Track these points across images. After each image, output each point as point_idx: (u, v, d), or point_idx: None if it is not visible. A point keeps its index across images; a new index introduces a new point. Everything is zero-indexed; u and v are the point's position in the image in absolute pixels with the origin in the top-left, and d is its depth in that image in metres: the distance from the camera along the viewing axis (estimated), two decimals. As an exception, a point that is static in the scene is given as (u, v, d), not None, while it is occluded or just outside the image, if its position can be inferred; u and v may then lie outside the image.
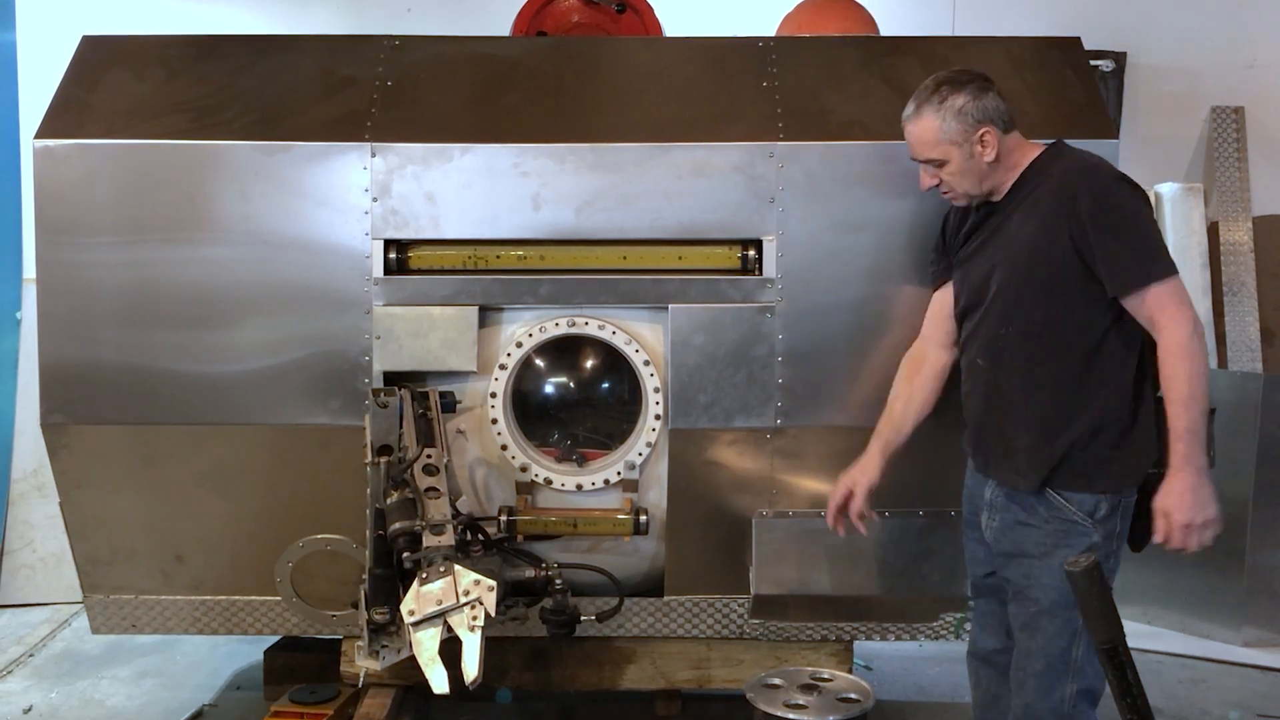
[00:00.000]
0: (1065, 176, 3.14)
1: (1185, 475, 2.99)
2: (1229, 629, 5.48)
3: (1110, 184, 3.10)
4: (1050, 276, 3.12)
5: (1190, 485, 2.98)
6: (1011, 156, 3.25)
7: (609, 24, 4.91)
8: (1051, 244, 3.10)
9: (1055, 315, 3.13)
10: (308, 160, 3.82)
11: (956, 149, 3.22)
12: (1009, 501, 3.24)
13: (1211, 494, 3.00)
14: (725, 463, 3.92)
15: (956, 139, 3.21)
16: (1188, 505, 2.98)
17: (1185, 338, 2.98)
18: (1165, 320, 3.00)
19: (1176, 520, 2.99)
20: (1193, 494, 2.98)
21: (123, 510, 3.97)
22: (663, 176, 3.81)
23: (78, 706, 4.73)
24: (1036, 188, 3.19)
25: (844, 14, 4.97)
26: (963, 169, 3.24)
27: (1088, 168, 3.15)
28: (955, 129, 3.21)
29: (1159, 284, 3.01)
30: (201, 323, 3.84)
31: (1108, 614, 2.56)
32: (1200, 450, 2.99)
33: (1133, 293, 3.03)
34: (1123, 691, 2.58)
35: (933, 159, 3.27)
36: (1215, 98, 6.15)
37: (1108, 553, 3.12)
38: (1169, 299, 3.01)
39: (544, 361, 4.07)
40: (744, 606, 4.06)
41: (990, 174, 3.25)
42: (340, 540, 3.96)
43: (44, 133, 3.83)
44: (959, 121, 3.20)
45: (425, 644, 3.20)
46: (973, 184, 3.27)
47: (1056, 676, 3.13)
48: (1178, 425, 2.98)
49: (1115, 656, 2.57)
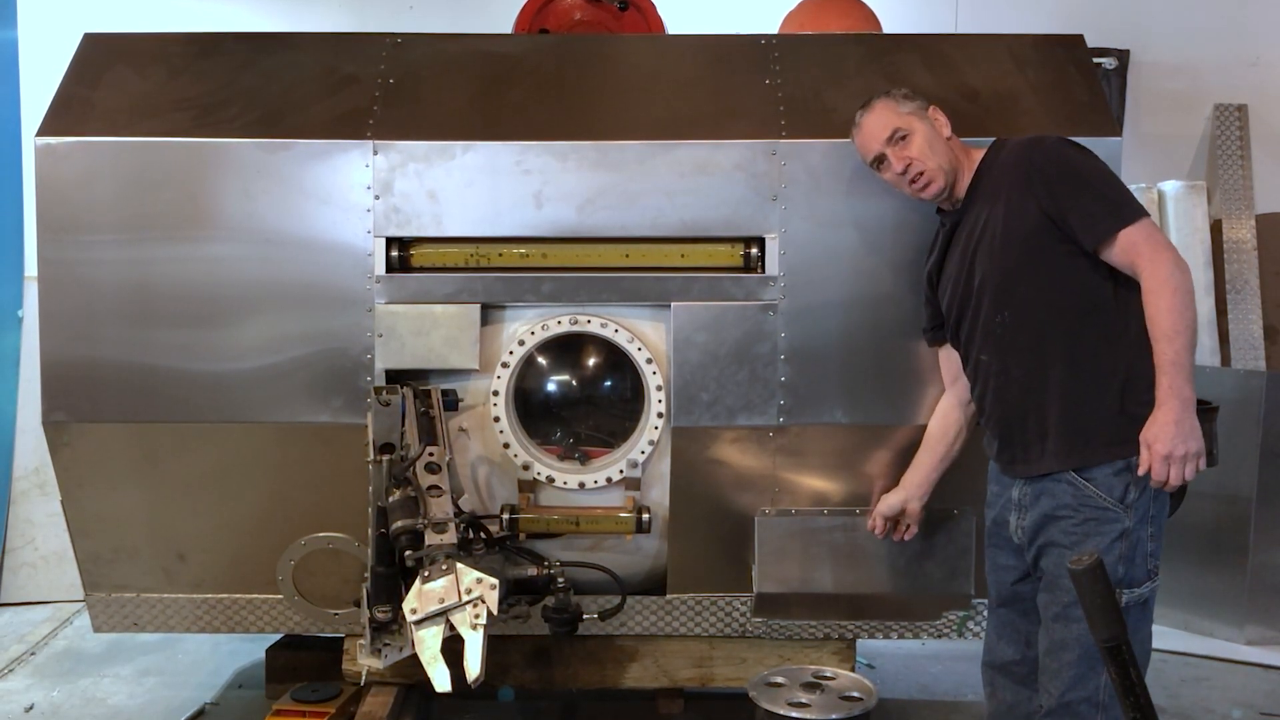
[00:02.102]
0: (1015, 155, 3.23)
1: (1169, 407, 2.97)
2: (1232, 627, 5.48)
3: (1060, 146, 3.20)
4: (1030, 251, 3.15)
5: (1174, 417, 2.96)
6: (964, 152, 3.39)
7: (611, 21, 4.90)
8: (1023, 219, 3.15)
9: (1044, 287, 3.15)
10: (310, 158, 3.82)
11: (918, 119, 3.38)
12: (1038, 497, 3.21)
13: (1195, 428, 2.98)
14: (728, 461, 3.91)
15: (914, 111, 3.39)
16: (1169, 436, 2.96)
17: (1165, 274, 2.99)
18: (1142, 261, 3.03)
19: (1158, 451, 2.97)
20: (1176, 426, 2.96)
21: (124, 508, 3.97)
22: (665, 174, 3.81)
23: (79, 705, 4.73)
24: (991, 178, 3.28)
25: (846, 11, 4.96)
26: (930, 138, 3.35)
27: (1033, 140, 3.26)
28: (910, 106, 3.41)
29: (1130, 227, 3.04)
30: (203, 321, 3.84)
31: (1110, 612, 2.55)
32: (1186, 382, 2.97)
33: (1106, 242, 3.07)
34: (1125, 690, 2.58)
35: (898, 129, 3.37)
36: (1218, 95, 6.14)
37: (1143, 536, 3.10)
38: (1142, 240, 3.04)
39: (546, 359, 4.07)
40: (746, 605, 4.06)
41: (952, 154, 3.36)
42: (342, 538, 3.96)
43: (45, 130, 3.83)
44: (910, 101, 3.42)
45: (427, 642, 3.20)
46: (942, 158, 3.35)
47: (1091, 666, 3.09)
48: (1162, 360, 2.98)
49: (1118, 655, 2.56)
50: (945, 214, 3.47)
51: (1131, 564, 3.08)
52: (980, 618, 4.06)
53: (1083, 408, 3.13)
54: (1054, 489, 3.17)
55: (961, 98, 3.89)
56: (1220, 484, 5.32)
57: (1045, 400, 3.17)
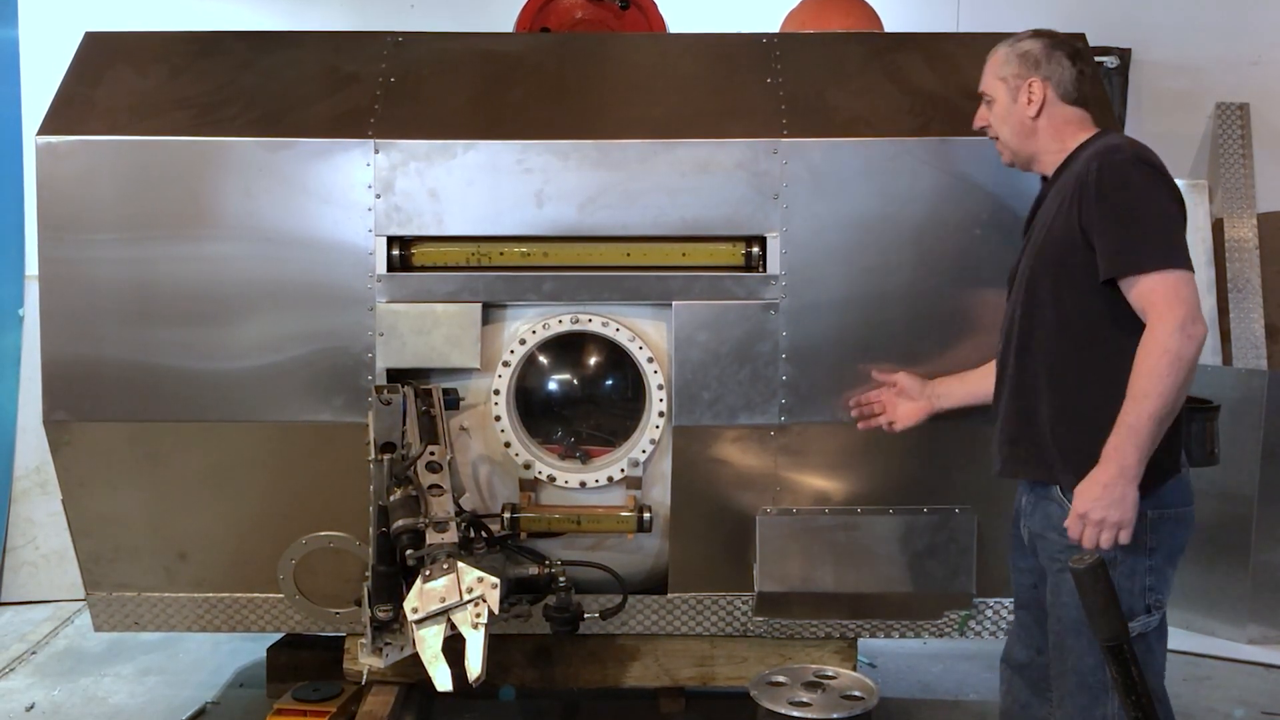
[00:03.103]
0: (1087, 158, 3.02)
1: (1104, 469, 2.82)
2: (1234, 626, 5.48)
3: (1123, 165, 2.94)
4: (1059, 260, 3.01)
5: (1104, 480, 2.82)
6: (1062, 131, 3.17)
7: (612, 20, 4.89)
8: (1065, 227, 2.99)
9: (1059, 300, 3.02)
10: (311, 157, 3.82)
11: (1004, 88, 3.22)
12: (1035, 508, 3.13)
13: (1127, 497, 2.81)
14: (729, 460, 3.91)
15: (1007, 78, 3.21)
16: (1091, 496, 2.83)
17: (1163, 334, 2.79)
18: (1150, 315, 2.83)
19: (1076, 507, 2.87)
20: (1102, 489, 2.81)
21: (125, 507, 3.96)
22: (666, 173, 3.80)
23: (80, 704, 4.73)
24: (1068, 171, 3.10)
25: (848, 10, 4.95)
26: (1004, 113, 3.22)
27: (1108, 148, 3.01)
28: (1011, 68, 3.21)
29: (1150, 275, 2.84)
30: (204, 319, 3.83)
31: (1112, 612, 2.55)
32: (1133, 448, 2.79)
33: (1121, 279, 2.88)
34: (1127, 690, 2.58)
35: (984, 93, 3.28)
36: (1220, 94, 6.14)
37: (1137, 569, 2.94)
38: (1157, 292, 2.83)
39: (547, 358, 4.07)
40: (748, 604, 4.05)
41: (1031, 134, 3.20)
42: (343, 537, 3.96)
43: (46, 129, 3.83)
44: (1018, 63, 3.21)
45: (428, 641, 3.20)
46: (1012, 134, 3.22)
47: (1093, 696, 2.99)
48: (1122, 417, 2.82)
49: (1120, 654, 2.57)
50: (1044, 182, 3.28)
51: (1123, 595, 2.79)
52: (981, 617, 4.06)
53: (1064, 431, 3.00)
54: (1047, 506, 3.07)
55: (963, 96, 3.88)
56: (1222, 483, 5.32)
57: (1036, 409, 3.07)
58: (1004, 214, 3.77)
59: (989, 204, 3.76)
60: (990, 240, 3.79)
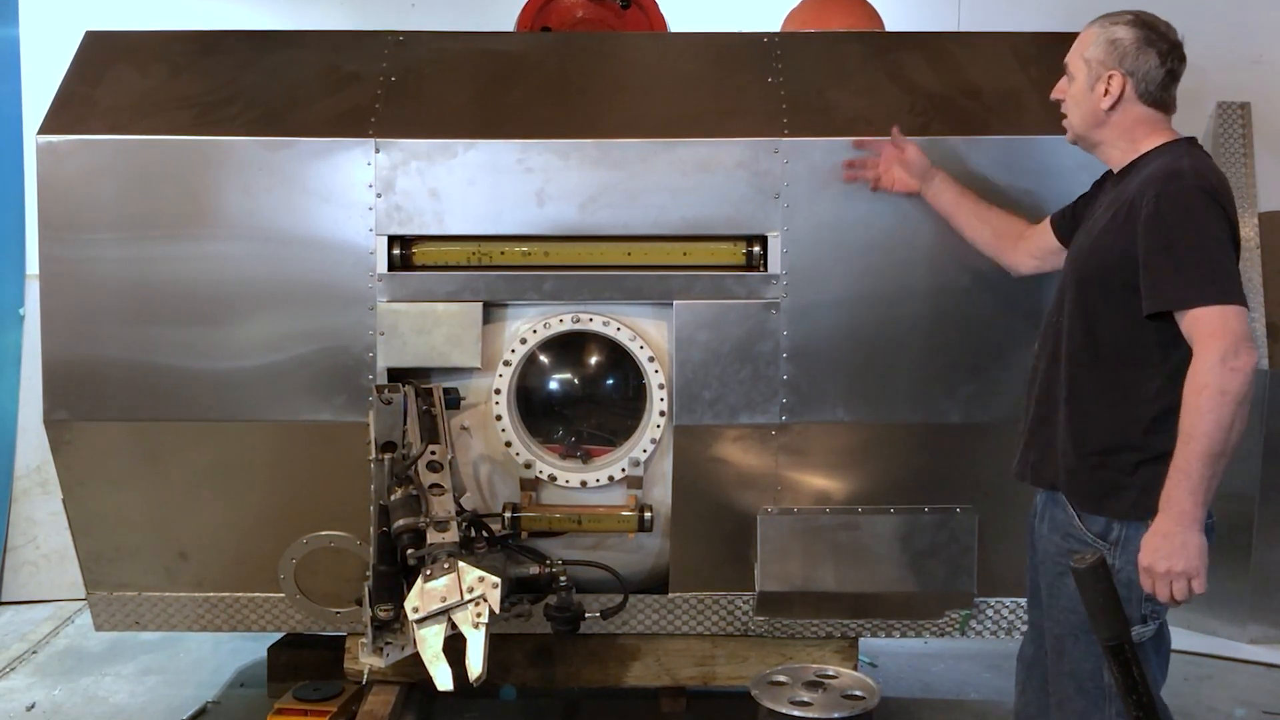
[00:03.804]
0: (1149, 177, 2.89)
1: (1163, 517, 2.75)
2: (1235, 626, 5.48)
3: (1181, 196, 2.80)
4: (1100, 276, 2.93)
5: (1163, 530, 2.74)
6: (1133, 131, 3.03)
7: (613, 19, 4.89)
8: (1111, 244, 2.90)
9: (1092, 317, 2.95)
10: (312, 156, 3.82)
11: (1085, 70, 3.06)
12: (1045, 511, 3.09)
13: (1189, 544, 2.71)
14: (730, 459, 3.91)
15: (1090, 61, 3.05)
16: (1152, 549, 2.75)
17: (1205, 369, 2.70)
18: (1196, 348, 2.74)
19: (1140, 561, 2.78)
20: (1164, 540, 2.73)
21: (126, 507, 3.96)
22: (667, 172, 3.80)
23: (80, 704, 4.73)
24: (1129, 181, 2.97)
25: (849, 9, 4.94)
26: (1079, 96, 3.07)
27: (1172, 171, 2.86)
28: (1098, 52, 3.04)
29: (1196, 309, 2.74)
30: (205, 319, 3.83)
31: (1113, 611, 2.55)
32: (1188, 494, 2.71)
33: (1168, 313, 2.79)
34: (1129, 689, 2.57)
35: (1068, 66, 3.13)
36: (1221, 93, 6.12)
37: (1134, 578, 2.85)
38: (1201, 326, 2.73)
39: (548, 358, 4.07)
40: (749, 603, 4.05)
41: (1100, 126, 3.06)
42: (344, 537, 3.96)
43: (47, 128, 3.82)
44: (1105, 49, 3.03)
45: (429, 641, 3.20)
46: (1080, 119, 3.08)
47: (1091, 702, 2.95)
48: (1174, 461, 2.74)
49: (1121, 654, 2.56)
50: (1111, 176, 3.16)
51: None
52: (982, 616, 4.06)
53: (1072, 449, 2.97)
54: (1054, 511, 3.04)
55: (964, 96, 3.89)
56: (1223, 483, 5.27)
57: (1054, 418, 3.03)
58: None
59: (990, 202, 3.76)
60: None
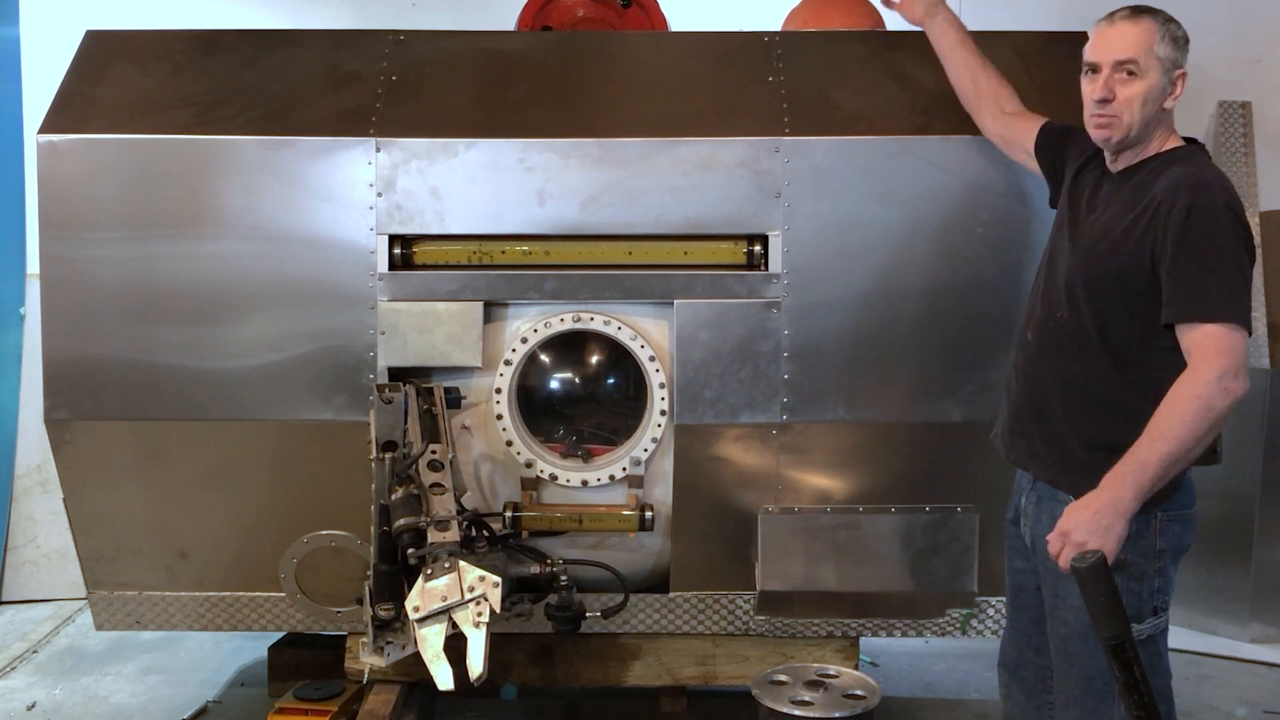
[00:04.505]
0: (1177, 184, 2.85)
1: (1099, 494, 2.76)
2: (1236, 625, 5.48)
3: (1215, 211, 2.80)
4: (1115, 280, 2.90)
5: (1096, 506, 2.75)
6: (1163, 129, 3.01)
7: (614, 19, 4.88)
8: (1133, 250, 2.86)
9: (1106, 320, 2.92)
10: (312, 155, 3.81)
11: (1158, 69, 2.94)
12: (1041, 509, 3.08)
13: (1112, 529, 2.73)
14: (731, 458, 3.91)
15: (1164, 60, 2.95)
16: (1079, 520, 2.76)
17: (1199, 383, 2.71)
18: (1194, 359, 2.75)
19: (1060, 524, 2.80)
20: (1093, 515, 2.74)
21: (127, 506, 3.96)
22: (668, 171, 3.80)
23: (81, 703, 4.73)
24: (1150, 182, 2.93)
25: (850, 8, 4.93)
26: (1149, 94, 2.94)
27: (1202, 184, 2.84)
28: (1168, 51, 2.95)
29: (1208, 325, 2.75)
30: (205, 318, 3.83)
31: (1114, 610, 2.55)
32: (1132, 484, 2.73)
33: (1181, 325, 2.79)
34: (1129, 688, 2.58)
35: (1133, 62, 2.93)
36: (1222, 93, 6.11)
37: (1147, 570, 2.90)
38: (1208, 342, 2.74)
39: (549, 357, 4.07)
40: (750, 603, 4.05)
41: (1154, 125, 2.98)
42: (345, 536, 3.95)
43: (47, 128, 3.82)
44: (1173, 48, 2.96)
45: (430, 640, 3.20)
46: (1141, 119, 2.95)
47: (1099, 700, 2.94)
48: (1131, 451, 2.75)
49: (1122, 653, 2.56)
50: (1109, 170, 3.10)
51: (1130, 597, 2.83)
52: (984, 615, 4.06)
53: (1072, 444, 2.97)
54: (1054, 508, 2.99)
55: (965, 94, 3.88)
56: (1224, 482, 5.32)
57: (1054, 415, 3.03)
58: (1006, 211, 3.77)
59: (991, 202, 3.76)
60: (992, 238, 3.79)
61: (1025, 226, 3.77)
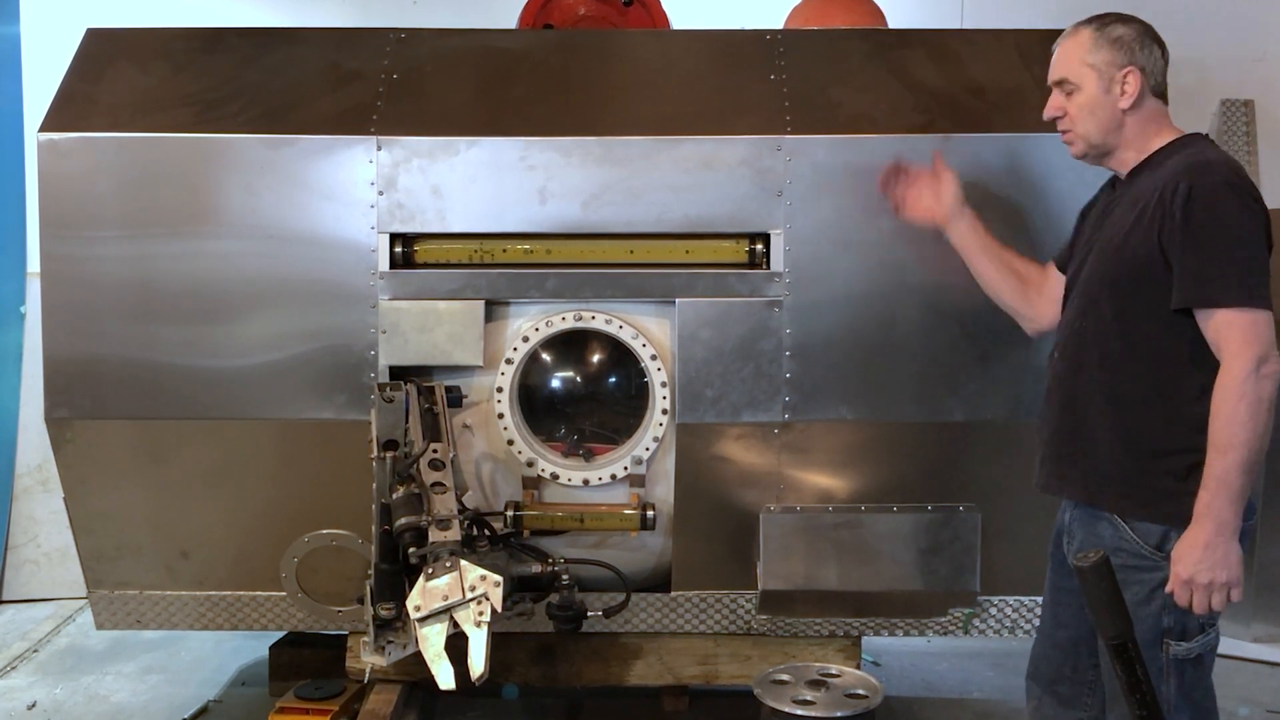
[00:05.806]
0: (1176, 169, 2.81)
1: (1200, 528, 2.69)
2: (1238, 625, 5.46)
3: (1216, 189, 2.74)
4: (1130, 275, 2.84)
5: (1203, 540, 2.68)
6: (1146, 129, 2.96)
7: (616, 17, 4.87)
8: (1141, 241, 2.81)
9: (1127, 318, 2.85)
10: (313, 154, 3.81)
11: (1095, 76, 2.93)
12: (1083, 529, 2.97)
13: (1230, 555, 2.68)
14: (732, 457, 3.90)
15: (1100, 66, 2.93)
16: (1193, 560, 2.69)
17: (1239, 376, 2.65)
18: (1225, 355, 2.69)
19: (1178, 573, 2.71)
20: (1204, 550, 2.68)
21: (127, 505, 3.96)
22: (670, 170, 3.79)
23: (82, 703, 4.72)
24: (1149, 179, 2.89)
25: (852, 6, 4.93)
26: (1092, 104, 2.94)
27: (1202, 164, 2.80)
28: (1104, 56, 2.92)
29: (1225, 310, 2.69)
30: (206, 317, 3.83)
31: (1116, 610, 2.54)
32: (1228, 503, 2.67)
33: (1196, 310, 2.73)
34: (1132, 688, 2.56)
35: (1066, 79, 2.97)
36: (1225, 90, 6.10)
37: None
38: (1234, 329, 2.68)
39: (550, 356, 4.06)
40: (751, 602, 4.05)
41: (1118, 129, 2.95)
42: (346, 535, 3.95)
43: (48, 126, 3.82)
44: (1112, 50, 2.92)
45: (431, 639, 3.19)
46: (1096, 128, 2.95)
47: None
48: (1209, 472, 2.68)
49: (1124, 653, 2.55)
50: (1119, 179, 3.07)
51: (1177, 614, 2.78)
52: (986, 615, 4.05)
53: (1116, 457, 2.88)
54: (1096, 526, 2.92)
55: (968, 93, 3.88)
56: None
57: (1088, 430, 2.93)
58: (1009, 210, 3.76)
59: (993, 200, 3.75)
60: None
61: (1028, 224, 3.76)
